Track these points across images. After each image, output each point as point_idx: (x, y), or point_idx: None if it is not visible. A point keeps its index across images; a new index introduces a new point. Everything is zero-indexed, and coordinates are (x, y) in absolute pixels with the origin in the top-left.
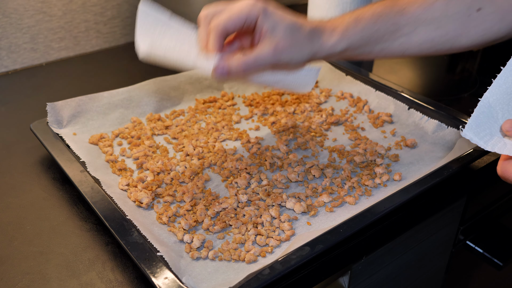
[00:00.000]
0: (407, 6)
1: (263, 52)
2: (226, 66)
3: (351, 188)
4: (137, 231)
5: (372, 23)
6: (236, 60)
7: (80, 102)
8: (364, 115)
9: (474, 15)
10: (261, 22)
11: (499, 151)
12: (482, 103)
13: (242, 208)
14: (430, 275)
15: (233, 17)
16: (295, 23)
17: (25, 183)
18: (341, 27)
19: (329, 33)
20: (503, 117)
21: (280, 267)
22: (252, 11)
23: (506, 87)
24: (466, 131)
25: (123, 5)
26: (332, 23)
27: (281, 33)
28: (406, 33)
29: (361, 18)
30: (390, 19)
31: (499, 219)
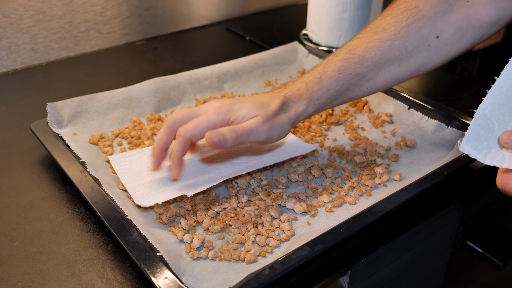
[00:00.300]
0: (365, 54)
1: (250, 124)
2: (219, 133)
3: (351, 188)
4: (137, 231)
5: (335, 80)
6: (226, 128)
7: (80, 102)
8: (364, 115)
9: (433, 43)
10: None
11: (498, 164)
12: (478, 115)
13: (242, 208)
14: (430, 275)
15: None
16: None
17: (25, 183)
18: (306, 93)
19: (297, 102)
20: (499, 129)
21: (280, 267)
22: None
23: (501, 97)
24: (464, 145)
25: (123, 5)
26: (297, 88)
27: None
28: (370, 78)
29: (323, 78)
30: (352, 72)
31: (499, 219)
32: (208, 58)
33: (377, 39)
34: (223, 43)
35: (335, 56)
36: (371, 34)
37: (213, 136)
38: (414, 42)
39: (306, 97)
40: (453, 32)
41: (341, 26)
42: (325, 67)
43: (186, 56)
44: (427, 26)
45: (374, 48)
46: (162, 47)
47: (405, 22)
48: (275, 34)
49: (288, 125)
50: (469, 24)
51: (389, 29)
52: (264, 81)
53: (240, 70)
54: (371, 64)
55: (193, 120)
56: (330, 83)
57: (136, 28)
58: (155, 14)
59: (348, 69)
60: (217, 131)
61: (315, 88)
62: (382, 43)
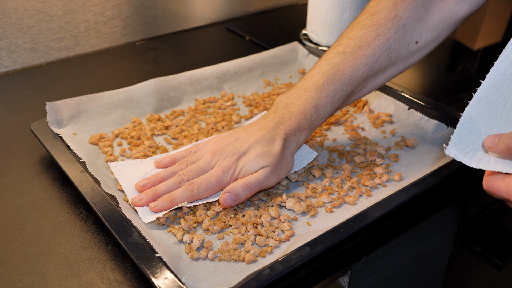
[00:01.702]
0: (353, 73)
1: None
2: (232, 192)
3: (351, 189)
4: (137, 231)
5: (330, 105)
6: (239, 184)
7: (80, 102)
8: (364, 115)
9: (413, 48)
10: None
11: (484, 167)
12: (464, 118)
13: (242, 208)
14: (430, 275)
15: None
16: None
17: (25, 183)
18: (306, 124)
19: (298, 135)
20: (485, 132)
21: (280, 267)
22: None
23: (486, 100)
24: (450, 148)
25: (123, 5)
26: (296, 121)
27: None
28: (359, 91)
29: (319, 105)
30: (344, 93)
31: (499, 219)
32: (208, 58)
33: (363, 56)
34: (223, 43)
35: (325, 78)
36: (356, 50)
37: (227, 198)
38: (396, 52)
39: (306, 128)
40: (430, 34)
41: (341, 26)
42: (318, 93)
43: (186, 56)
44: (408, 34)
45: (361, 66)
46: (162, 47)
47: (388, 34)
48: (275, 34)
49: (292, 158)
50: (445, 23)
51: (373, 43)
52: (264, 81)
53: (240, 70)
54: (359, 81)
55: (206, 179)
56: (326, 108)
57: (136, 28)
58: (155, 14)
59: (340, 92)
60: (230, 191)
61: (314, 117)
62: (368, 59)
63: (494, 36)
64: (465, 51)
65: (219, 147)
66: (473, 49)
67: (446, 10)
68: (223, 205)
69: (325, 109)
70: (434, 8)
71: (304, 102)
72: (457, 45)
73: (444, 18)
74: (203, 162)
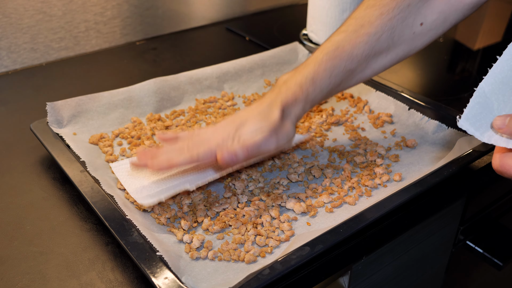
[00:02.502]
0: (354, 50)
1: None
2: (231, 151)
3: (351, 189)
4: (137, 231)
5: (327, 80)
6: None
7: (80, 102)
8: (364, 115)
9: (418, 30)
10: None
11: (496, 143)
12: (478, 93)
13: (242, 208)
14: (430, 275)
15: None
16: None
17: (25, 183)
18: (302, 95)
19: (294, 105)
20: (498, 108)
21: (280, 267)
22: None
23: (502, 76)
24: (463, 121)
25: (123, 5)
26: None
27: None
28: (360, 71)
29: (316, 79)
30: (343, 69)
31: (499, 219)
32: (208, 58)
33: (365, 34)
34: (223, 43)
35: (324, 54)
36: (358, 28)
37: (225, 155)
38: (400, 32)
39: (302, 100)
40: (436, 17)
41: None
42: (316, 66)
43: (186, 56)
44: (412, 14)
45: (362, 44)
46: (162, 47)
47: (391, 13)
48: (275, 34)
49: (292, 128)
50: (451, 7)
51: (375, 22)
52: (265, 81)
53: (240, 70)
54: (360, 59)
55: (206, 144)
56: (323, 82)
57: (136, 28)
58: (155, 14)
59: (339, 67)
60: (227, 150)
61: (310, 89)
62: (370, 37)
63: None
64: (465, 51)
65: (220, 124)
66: (473, 49)
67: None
68: (220, 162)
69: (322, 82)
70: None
71: (301, 75)
72: (457, 45)
73: (451, 2)
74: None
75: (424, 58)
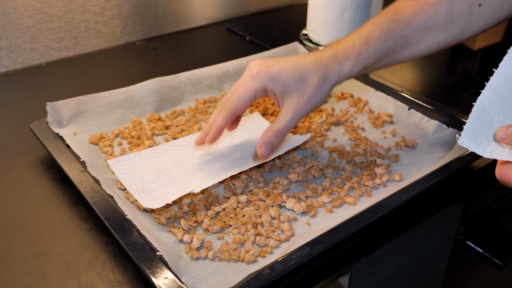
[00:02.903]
0: (412, 17)
1: (289, 117)
2: (267, 143)
3: (351, 189)
4: (137, 231)
5: (382, 42)
6: (271, 134)
7: (80, 102)
8: (364, 115)
9: (476, 11)
10: (271, 90)
11: (498, 157)
12: (477, 108)
13: (242, 208)
14: (430, 275)
15: (241, 98)
16: (302, 72)
17: (25, 183)
18: (354, 53)
19: (343, 62)
20: (498, 121)
21: (280, 267)
22: (257, 86)
23: (499, 89)
24: (463, 138)
25: (123, 5)
26: (343, 49)
27: (295, 92)
28: (415, 42)
29: (370, 38)
30: (399, 33)
31: (499, 219)
32: (208, 58)
33: (424, 3)
34: (223, 43)
35: (381, 17)
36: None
37: (264, 151)
38: (458, 8)
39: (353, 57)
40: (494, 2)
41: (341, 26)
42: (372, 27)
43: (186, 56)
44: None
45: (420, 12)
46: (162, 47)
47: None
48: (275, 34)
49: (327, 91)
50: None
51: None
52: None
53: (240, 70)
54: (417, 28)
55: (235, 94)
56: (378, 43)
57: (136, 28)
58: (155, 14)
59: (395, 31)
60: (265, 142)
61: (363, 48)
62: (429, 7)
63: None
64: (465, 51)
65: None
66: (473, 49)
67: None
68: (262, 158)
69: (376, 44)
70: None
71: (356, 35)
72: (457, 45)
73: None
74: (236, 84)
75: (424, 58)
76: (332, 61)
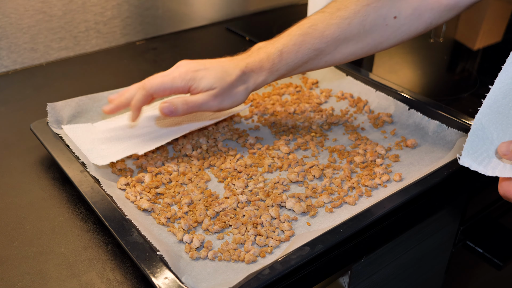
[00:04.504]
0: (325, 30)
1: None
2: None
3: (351, 189)
4: (137, 231)
5: (294, 54)
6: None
7: (80, 102)
8: (364, 116)
9: (391, 23)
10: (195, 89)
11: (500, 174)
12: (475, 126)
13: (241, 208)
14: (430, 275)
15: (163, 85)
16: (225, 75)
17: (25, 183)
18: (268, 65)
19: (259, 72)
20: (498, 138)
21: (280, 267)
22: (181, 85)
23: (497, 106)
24: (464, 158)
25: (123, 5)
26: (260, 60)
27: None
28: (329, 53)
29: (284, 51)
30: (311, 46)
31: (499, 219)
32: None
33: (338, 16)
34: (223, 43)
35: (297, 28)
36: (334, 11)
37: (165, 107)
38: (372, 21)
39: (267, 69)
40: (410, 13)
41: None
42: (287, 40)
43: (186, 56)
44: (386, 6)
45: (334, 25)
46: (162, 47)
47: (366, 1)
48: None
49: (244, 94)
50: (427, 5)
51: (350, 7)
52: None
53: None
54: (330, 40)
55: (159, 78)
56: (290, 56)
57: (136, 28)
58: (155, 14)
59: (307, 44)
60: (170, 102)
61: (276, 60)
62: (342, 20)
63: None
64: (465, 51)
65: (184, 62)
66: (473, 49)
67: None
68: (161, 112)
69: (289, 56)
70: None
71: (272, 45)
72: (457, 45)
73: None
74: (165, 72)
75: (424, 58)
76: (250, 71)
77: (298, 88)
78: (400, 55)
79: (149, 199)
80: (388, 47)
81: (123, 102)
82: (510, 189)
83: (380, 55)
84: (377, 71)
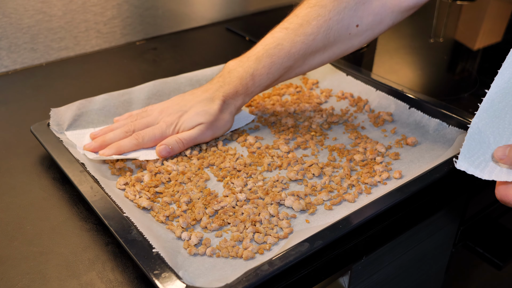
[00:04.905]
0: (291, 49)
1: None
2: (168, 145)
3: (351, 186)
4: (136, 229)
5: (265, 76)
6: (174, 139)
7: (80, 106)
8: (364, 115)
9: (354, 31)
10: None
11: (497, 178)
12: (472, 130)
13: (240, 206)
14: (430, 275)
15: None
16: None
17: (25, 183)
18: (242, 89)
19: (236, 98)
20: (495, 142)
21: (279, 262)
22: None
23: (493, 110)
24: (461, 162)
25: (123, 5)
26: (235, 86)
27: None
28: (298, 67)
29: (255, 74)
30: (280, 66)
31: (499, 219)
32: (208, 58)
33: (302, 34)
34: (223, 43)
35: (265, 50)
36: (297, 27)
37: (162, 150)
38: (335, 33)
39: (242, 93)
40: (372, 19)
41: None
42: (256, 63)
43: (186, 56)
44: (348, 17)
45: (299, 43)
46: (162, 47)
47: (328, 15)
48: None
49: (230, 119)
50: (388, 10)
51: (312, 22)
52: None
53: None
54: (297, 57)
55: (150, 131)
56: (262, 78)
57: (136, 28)
58: (155, 14)
59: (276, 64)
60: (165, 144)
61: (249, 84)
62: (306, 37)
63: (494, 36)
64: (465, 51)
65: (166, 106)
66: (473, 49)
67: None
68: (159, 155)
69: (261, 78)
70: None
71: (243, 69)
72: (457, 45)
73: (387, 5)
74: (150, 117)
75: (424, 58)
76: (229, 98)
77: (298, 88)
78: (400, 55)
79: (148, 198)
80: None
81: (105, 143)
82: (507, 193)
83: (380, 55)
84: (377, 71)
